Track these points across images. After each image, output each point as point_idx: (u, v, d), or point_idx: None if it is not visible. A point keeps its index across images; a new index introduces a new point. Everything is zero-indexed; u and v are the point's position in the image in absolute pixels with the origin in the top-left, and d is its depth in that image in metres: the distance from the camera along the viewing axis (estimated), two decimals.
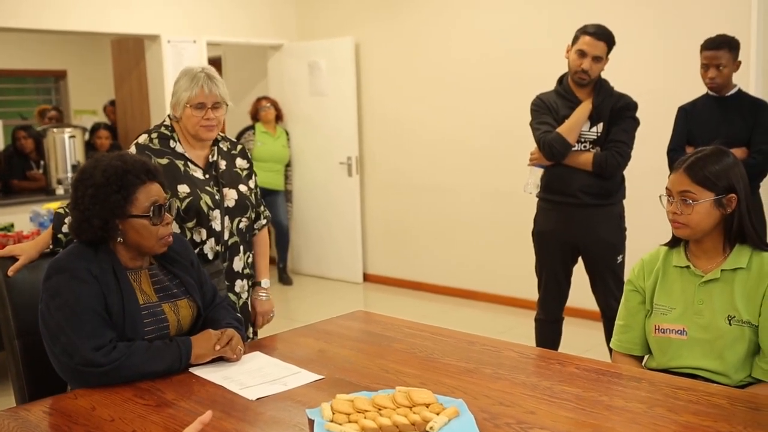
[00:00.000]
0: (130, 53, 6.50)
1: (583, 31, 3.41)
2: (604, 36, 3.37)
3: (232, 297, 2.54)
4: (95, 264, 1.93)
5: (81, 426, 1.64)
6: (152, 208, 1.98)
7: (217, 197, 2.46)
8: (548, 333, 3.69)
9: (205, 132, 2.42)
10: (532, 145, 3.57)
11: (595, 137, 3.45)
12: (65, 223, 2.19)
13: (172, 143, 2.45)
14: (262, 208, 2.71)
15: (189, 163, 2.44)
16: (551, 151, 3.40)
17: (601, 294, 3.57)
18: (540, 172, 3.51)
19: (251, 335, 2.64)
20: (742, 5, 4.41)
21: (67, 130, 6.08)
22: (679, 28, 4.68)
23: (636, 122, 3.49)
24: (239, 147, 2.66)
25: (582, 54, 3.38)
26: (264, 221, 2.72)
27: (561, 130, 3.40)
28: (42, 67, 9.24)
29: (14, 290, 2.14)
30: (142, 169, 1.98)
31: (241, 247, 2.56)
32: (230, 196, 2.49)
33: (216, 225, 2.45)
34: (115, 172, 1.93)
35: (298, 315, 5.85)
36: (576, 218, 3.48)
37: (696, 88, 3.87)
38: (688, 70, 4.35)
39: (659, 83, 4.70)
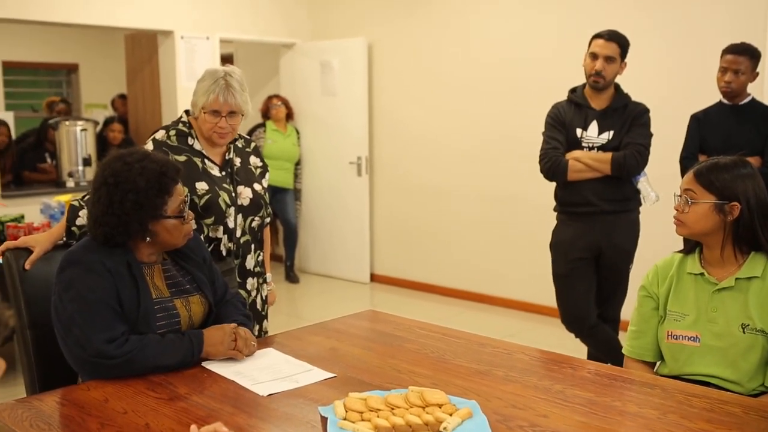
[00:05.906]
0: (143, 48, 6.52)
1: (595, 35, 3.47)
2: (615, 37, 3.41)
3: (243, 294, 2.55)
4: (109, 257, 1.93)
5: (94, 417, 1.64)
6: (182, 207, 1.99)
7: (233, 195, 2.47)
8: (594, 342, 3.57)
9: (218, 138, 2.44)
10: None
11: (603, 143, 3.42)
12: (79, 216, 2.20)
13: (190, 140, 2.45)
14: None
15: (206, 161, 2.45)
16: (551, 170, 3.44)
17: (601, 301, 3.55)
18: (644, 180, 3.40)
19: (257, 333, 2.63)
20: (757, 15, 4.39)
21: (79, 123, 6.07)
22: (691, 36, 4.66)
23: (649, 128, 3.47)
24: (253, 145, 2.69)
25: (594, 56, 3.42)
26: (267, 219, 2.72)
27: (573, 167, 3.39)
28: (54, 60, 9.27)
29: (27, 281, 2.14)
30: (173, 169, 1.99)
31: (253, 246, 2.57)
32: (245, 195, 2.50)
33: (230, 222, 2.46)
34: (153, 176, 1.93)
35: (305, 313, 5.86)
36: (596, 226, 3.45)
37: (708, 97, 3.86)
38: (700, 79, 4.34)
39: (671, 91, 4.68)
